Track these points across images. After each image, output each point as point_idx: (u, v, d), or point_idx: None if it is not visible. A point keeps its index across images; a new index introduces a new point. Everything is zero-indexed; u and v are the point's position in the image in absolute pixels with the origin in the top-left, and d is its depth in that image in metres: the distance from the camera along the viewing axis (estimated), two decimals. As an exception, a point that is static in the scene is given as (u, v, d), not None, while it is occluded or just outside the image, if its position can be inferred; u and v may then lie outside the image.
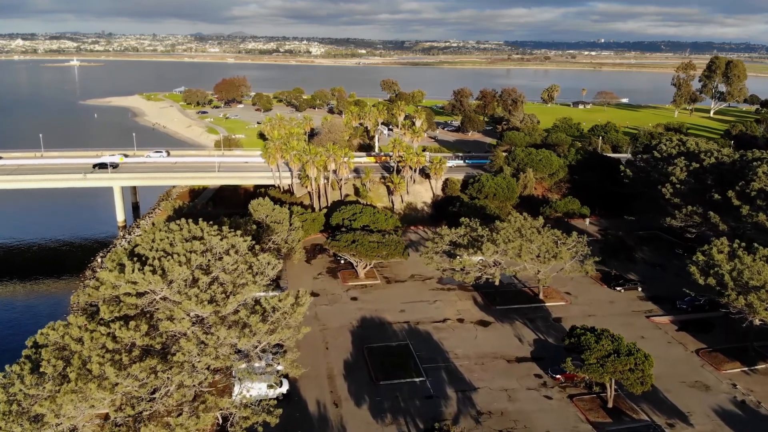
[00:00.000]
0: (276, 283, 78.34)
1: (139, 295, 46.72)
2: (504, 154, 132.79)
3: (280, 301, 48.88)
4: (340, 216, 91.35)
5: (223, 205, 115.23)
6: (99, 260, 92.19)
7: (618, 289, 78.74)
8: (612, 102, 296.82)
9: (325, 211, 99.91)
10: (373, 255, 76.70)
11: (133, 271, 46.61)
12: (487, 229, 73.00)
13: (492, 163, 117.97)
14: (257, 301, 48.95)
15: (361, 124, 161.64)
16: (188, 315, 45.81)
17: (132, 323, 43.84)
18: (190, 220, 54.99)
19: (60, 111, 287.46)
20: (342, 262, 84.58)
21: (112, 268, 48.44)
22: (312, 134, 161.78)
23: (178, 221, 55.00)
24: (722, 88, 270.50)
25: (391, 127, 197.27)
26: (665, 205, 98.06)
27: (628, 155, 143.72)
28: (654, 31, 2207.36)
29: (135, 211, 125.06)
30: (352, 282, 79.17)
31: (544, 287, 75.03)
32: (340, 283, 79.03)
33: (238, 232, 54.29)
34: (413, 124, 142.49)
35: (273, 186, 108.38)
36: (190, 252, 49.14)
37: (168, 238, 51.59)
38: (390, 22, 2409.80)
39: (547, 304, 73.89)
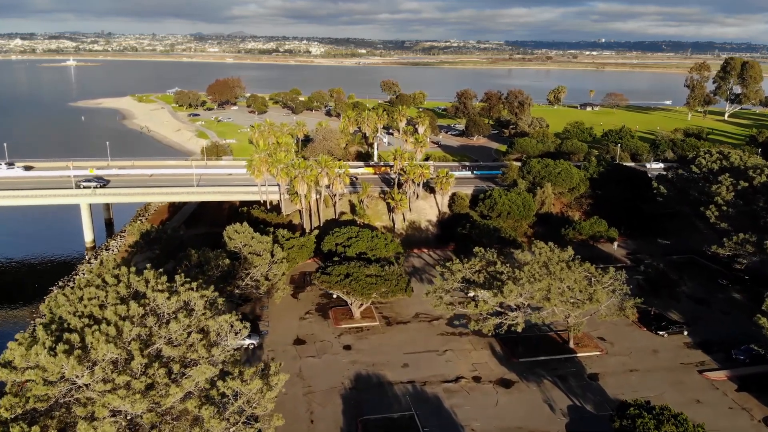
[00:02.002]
0: (255, 325, 66.32)
1: (53, 382, 34.60)
2: (516, 164, 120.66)
3: (243, 382, 36.81)
4: (333, 240, 79.17)
5: (203, 223, 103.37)
6: (55, 291, 79.89)
7: (661, 333, 66.52)
8: (621, 104, 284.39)
9: (316, 232, 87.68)
10: (371, 293, 64.53)
11: (45, 346, 34.58)
12: (507, 264, 60.73)
13: (504, 175, 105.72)
14: (213, 382, 36.83)
15: (359, 129, 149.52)
16: (115, 412, 33.72)
17: (35, 429, 31.82)
18: (132, 269, 42.83)
19: (46, 114, 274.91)
20: (334, 296, 72.30)
21: (23, 341, 36.30)
22: (307, 140, 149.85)
23: (117, 269, 42.88)
24: (736, 89, 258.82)
25: (391, 131, 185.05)
26: (705, 227, 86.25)
27: (651, 164, 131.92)
28: (654, 31, 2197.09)
29: (109, 227, 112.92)
30: (345, 324, 66.95)
31: (573, 331, 62.84)
32: (331, 325, 66.77)
33: (194, 284, 42.02)
34: (416, 130, 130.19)
35: (258, 203, 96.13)
36: (124, 319, 37.00)
37: (99, 297, 39.45)
38: (390, 22, 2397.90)
39: (579, 355, 61.66)
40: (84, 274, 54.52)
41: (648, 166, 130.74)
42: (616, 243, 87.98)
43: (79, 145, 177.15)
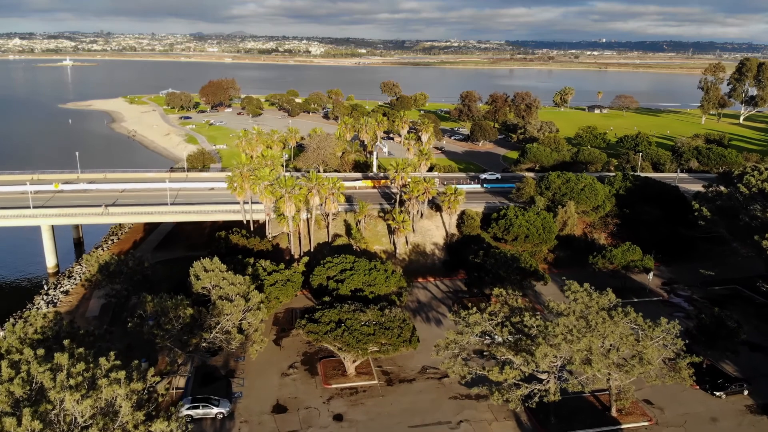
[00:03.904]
0: (227, 383, 54.98)
1: None
2: (529, 174, 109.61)
3: None
4: (324, 273, 67.72)
5: (180, 245, 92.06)
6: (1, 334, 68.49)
7: (717, 394, 55.13)
8: (631, 106, 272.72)
9: (305, 260, 76.11)
10: (367, 346, 53.13)
11: None
12: (537, 316, 49.11)
13: (520, 191, 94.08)
14: None
15: (357, 136, 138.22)
16: None
17: None
18: (40, 351, 31.49)
19: (33, 116, 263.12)
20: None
21: None
22: (301, 147, 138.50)
23: (19, 352, 31.57)
24: (752, 92, 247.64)
25: (391, 135, 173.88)
26: (750, 251, 74.96)
27: (678, 175, 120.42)
28: (655, 31, 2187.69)
29: (78, 247, 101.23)
30: (336, 382, 55.42)
31: (618, 403, 51.33)
32: (320, 384, 55.23)
33: (121, 374, 30.56)
34: (419, 138, 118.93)
35: (241, 224, 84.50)
36: (6, 442, 25.66)
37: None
38: (390, 22, 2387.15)
39: (624, 427, 50.22)
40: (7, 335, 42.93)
41: (673, 176, 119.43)
42: (651, 273, 76.42)
43: (58, 153, 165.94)
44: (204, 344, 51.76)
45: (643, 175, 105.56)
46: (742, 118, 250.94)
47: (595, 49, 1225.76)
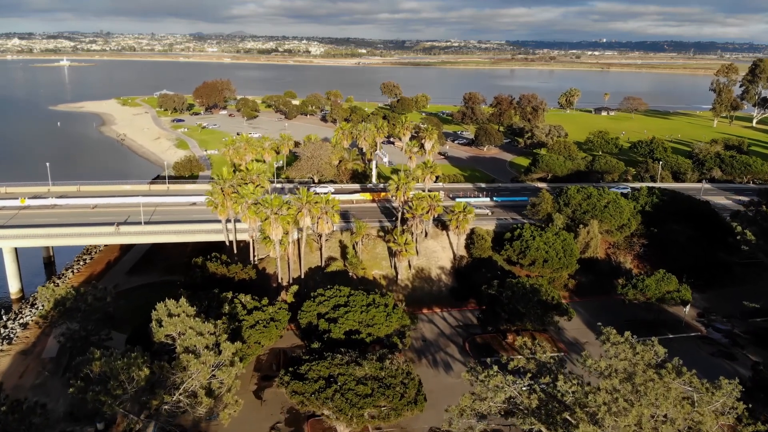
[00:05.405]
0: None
1: None
2: (544, 186, 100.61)
3: None
4: (314, 309, 58.64)
5: (157, 267, 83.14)
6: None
7: (784, 463, 46.09)
8: (640, 108, 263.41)
9: (295, 289, 67.31)
10: (363, 411, 43.98)
11: None
12: (573, 379, 39.95)
13: (536, 207, 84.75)
14: None
15: (355, 143, 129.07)
16: None
17: None
18: None
19: (20, 119, 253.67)
20: (315, 393, 51.77)
21: None
22: (297, 153, 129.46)
23: None
24: (765, 93, 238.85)
25: (392, 139, 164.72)
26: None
27: (704, 185, 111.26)
28: (655, 31, 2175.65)
29: (48, 268, 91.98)
30: (327, 450, 46.52)
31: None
32: (308, 452, 46.37)
33: None
34: (422, 146, 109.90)
35: (222, 246, 75.44)
36: None
37: None
38: (390, 22, 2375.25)
39: None
40: None
41: (697, 186, 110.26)
42: (688, 306, 67.19)
43: (39, 160, 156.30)
44: (166, 407, 42.67)
45: (668, 187, 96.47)
46: (755, 120, 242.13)
47: (595, 50, 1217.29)
